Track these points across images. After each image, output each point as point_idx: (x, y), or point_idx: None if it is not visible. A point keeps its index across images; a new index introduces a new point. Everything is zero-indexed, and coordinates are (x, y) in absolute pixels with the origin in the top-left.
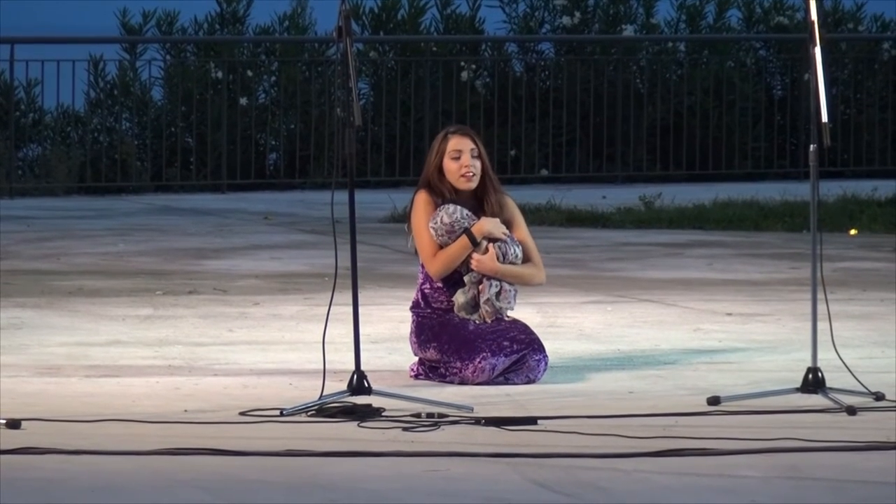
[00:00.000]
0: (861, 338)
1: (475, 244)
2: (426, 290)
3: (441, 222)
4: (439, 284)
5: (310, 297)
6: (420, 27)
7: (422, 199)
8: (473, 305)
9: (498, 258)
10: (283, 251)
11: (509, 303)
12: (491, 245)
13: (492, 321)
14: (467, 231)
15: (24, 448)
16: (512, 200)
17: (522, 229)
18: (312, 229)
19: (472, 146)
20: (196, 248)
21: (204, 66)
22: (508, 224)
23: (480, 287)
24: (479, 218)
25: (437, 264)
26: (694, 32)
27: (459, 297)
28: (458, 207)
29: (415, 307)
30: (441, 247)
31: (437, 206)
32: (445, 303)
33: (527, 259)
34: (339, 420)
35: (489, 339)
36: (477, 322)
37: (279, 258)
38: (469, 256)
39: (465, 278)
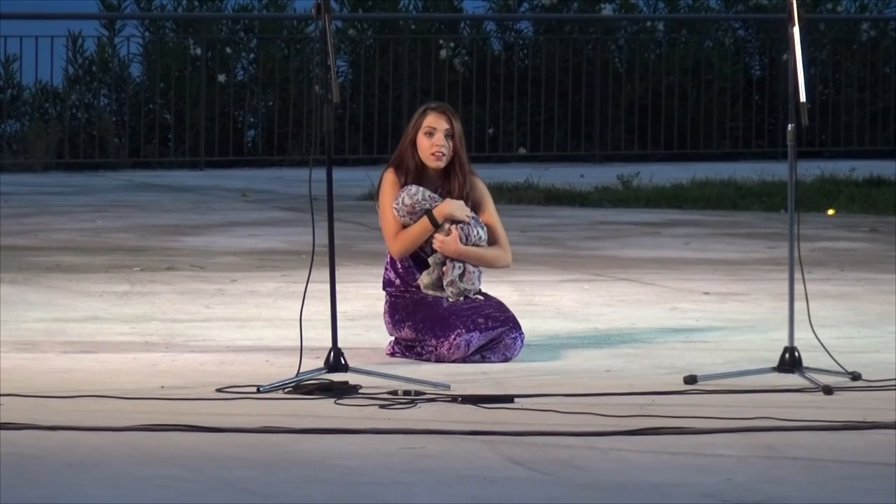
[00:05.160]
0: (838, 318)
1: (436, 226)
2: (397, 268)
3: (402, 203)
4: (408, 263)
5: (287, 274)
6: (399, 5)
7: (388, 179)
8: (439, 286)
9: (461, 240)
10: (260, 228)
11: (473, 283)
12: (454, 227)
13: (465, 299)
14: (428, 213)
15: None
16: (482, 183)
17: (490, 211)
18: (290, 206)
19: (448, 126)
20: (174, 225)
21: (182, 43)
22: (476, 206)
23: (444, 268)
24: (443, 199)
25: (398, 244)
26: (672, 12)
27: (424, 278)
28: (421, 189)
29: (387, 285)
30: (404, 227)
31: (402, 186)
32: (413, 281)
33: (493, 241)
34: (315, 397)
35: (464, 316)
36: (450, 300)
37: (257, 235)
38: (432, 237)
39: (430, 259)
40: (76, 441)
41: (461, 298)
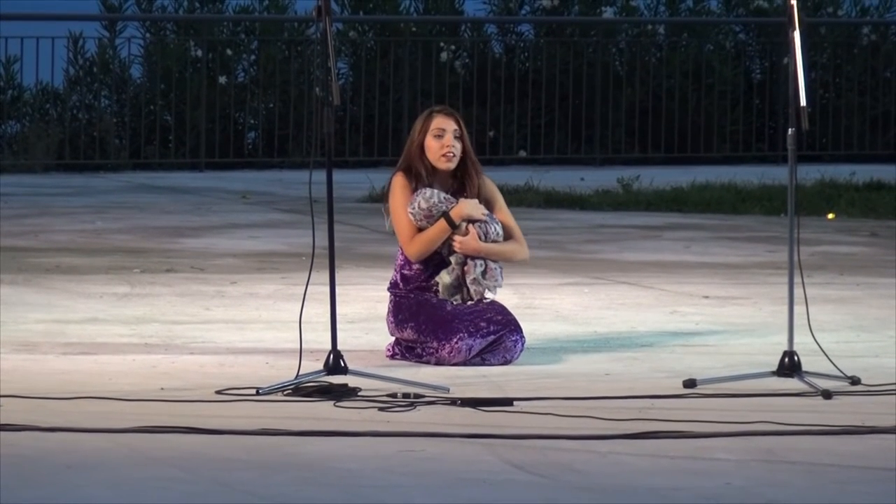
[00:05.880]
0: (837, 322)
1: (454, 227)
2: (405, 272)
3: (419, 207)
4: (418, 266)
5: (287, 276)
6: (399, 7)
7: (398, 182)
8: (457, 286)
9: (479, 237)
10: (260, 230)
11: (496, 280)
12: (471, 226)
13: (472, 302)
14: (445, 215)
15: None
16: (491, 181)
17: (503, 209)
18: (290, 209)
19: (455, 127)
20: (174, 227)
21: (183, 45)
22: (489, 204)
23: (465, 268)
24: (457, 200)
25: (415, 247)
26: (673, 15)
27: (445, 277)
28: (435, 191)
29: (392, 287)
30: (420, 230)
31: (413, 189)
32: (424, 282)
33: (508, 236)
34: (315, 399)
35: (466, 320)
36: (455, 303)
37: (257, 237)
38: (449, 238)
39: (451, 259)
40: (76, 442)
41: (469, 302)
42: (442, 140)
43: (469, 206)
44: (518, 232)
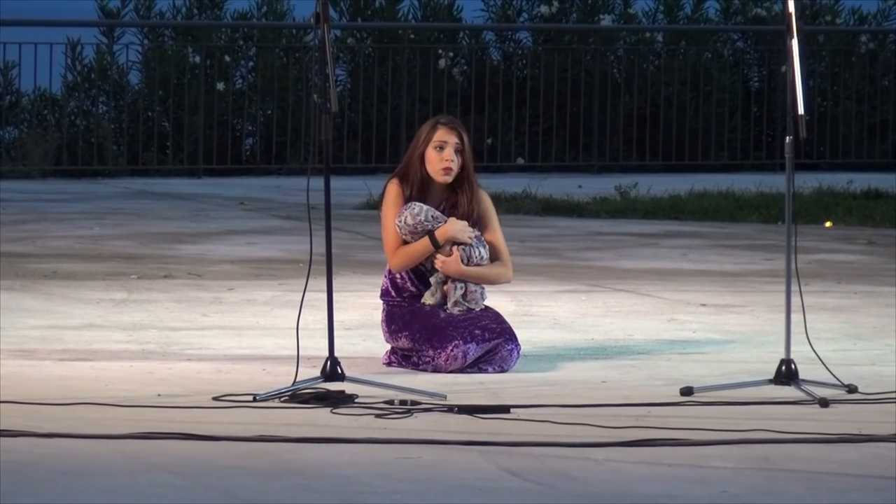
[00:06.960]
0: (835, 330)
1: (437, 247)
2: (396, 280)
3: (405, 222)
4: (407, 273)
5: (284, 282)
6: (398, 14)
7: (392, 190)
8: (442, 305)
9: (462, 261)
10: (258, 237)
11: (477, 303)
12: (455, 248)
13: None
14: (430, 234)
15: None
16: (488, 197)
17: (494, 227)
18: (288, 215)
19: (457, 141)
20: (171, 233)
21: (181, 51)
22: (481, 220)
23: (446, 288)
24: (447, 217)
25: (398, 260)
26: (672, 23)
27: (429, 299)
28: (424, 208)
29: (384, 295)
30: (405, 243)
31: (406, 198)
32: (414, 290)
33: (495, 257)
34: (312, 406)
35: (461, 327)
36: (448, 310)
37: (254, 244)
38: (432, 256)
39: (431, 279)
40: (72, 448)
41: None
42: (442, 153)
43: (454, 229)
44: (505, 254)
